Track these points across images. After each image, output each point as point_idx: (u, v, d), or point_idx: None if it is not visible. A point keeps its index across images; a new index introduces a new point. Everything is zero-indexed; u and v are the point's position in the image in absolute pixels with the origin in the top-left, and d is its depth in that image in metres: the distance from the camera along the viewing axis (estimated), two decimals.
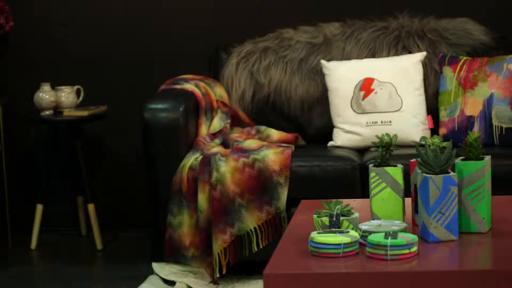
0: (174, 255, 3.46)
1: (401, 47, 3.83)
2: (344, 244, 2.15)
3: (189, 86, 3.71)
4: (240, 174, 3.36)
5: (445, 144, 2.35)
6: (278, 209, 3.35)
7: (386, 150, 2.36)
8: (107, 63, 4.29)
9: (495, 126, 3.58)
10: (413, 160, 2.40)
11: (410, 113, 3.64)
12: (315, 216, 2.31)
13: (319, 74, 3.83)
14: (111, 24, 4.28)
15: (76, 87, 4.11)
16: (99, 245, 4.03)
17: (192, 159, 3.43)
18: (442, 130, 3.68)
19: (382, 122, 3.63)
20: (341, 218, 2.28)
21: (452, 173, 2.25)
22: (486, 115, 3.59)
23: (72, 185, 4.29)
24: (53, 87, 4.08)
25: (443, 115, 3.69)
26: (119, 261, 3.85)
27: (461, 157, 2.36)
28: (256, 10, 4.19)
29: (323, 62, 3.77)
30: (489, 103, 3.60)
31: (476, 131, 3.60)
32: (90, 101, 4.18)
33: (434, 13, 3.96)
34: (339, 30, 3.92)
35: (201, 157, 3.42)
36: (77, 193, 4.24)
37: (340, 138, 3.69)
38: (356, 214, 2.32)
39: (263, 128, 3.76)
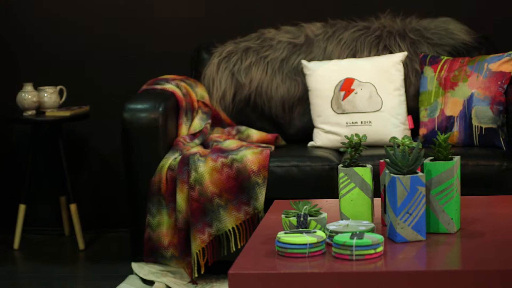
0: (153, 255, 3.46)
1: (382, 47, 3.83)
2: (310, 244, 2.15)
3: (170, 87, 3.71)
4: (218, 174, 3.36)
5: (414, 144, 2.35)
6: (256, 209, 3.35)
7: (355, 151, 2.36)
8: (90, 63, 4.30)
9: (475, 126, 3.58)
10: (383, 160, 2.40)
11: (390, 113, 3.64)
12: (283, 216, 2.31)
13: (300, 74, 3.84)
14: (94, 24, 4.28)
15: (58, 87, 4.11)
16: (81, 245, 4.03)
17: (171, 159, 3.43)
18: (422, 130, 3.68)
19: (362, 123, 3.64)
20: (309, 218, 2.28)
21: (419, 174, 2.25)
22: (466, 115, 3.59)
23: (55, 185, 4.29)
24: (35, 87, 4.08)
25: (424, 115, 3.69)
26: (100, 260, 3.86)
27: (430, 158, 2.36)
28: (239, 11, 4.19)
29: (304, 62, 3.77)
30: (469, 103, 3.60)
31: (456, 131, 3.60)
32: (73, 101, 4.18)
33: (417, 13, 3.96)
34: (321, 30, 3.92)
35: (180, 157, 3.42)
36: (59, 193, 4.24)
37: (320, 138, 3.69)
38: (324, 214, 2.32)
39: (243, 128, 3.76)
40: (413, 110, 3.76)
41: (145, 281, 3.45)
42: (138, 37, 4.26)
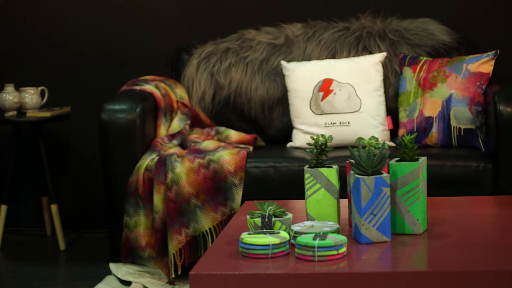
0: (131, 256, 3.46)
1: (361, 47, 3.83)
2: (273, 245, 2.15)
3: (149, 87, 3.71)
4: (195, 175, 3.36)
5: (381, 145, 2.35)
6: (233, 209, 3.35)
7: (321, 151, 2.36)
8: (72, 64, 4.29)
9: (454, 127, 3.57)
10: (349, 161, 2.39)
11: (369, 114, 3.64)
12: (248, 217, 2.31)
13: (280, 75, 3.84)
14: (76, 25, 4.28)
15: (40, 88, 4.11)
16: (62, 246, 4.03)
17: (148, 160, 3.43)
18: (401, 131, 3.68)
19: (340, 123, 3.63)
20: (274, 219, 2.28)
21: (384, 174, 2.25)
22: (444, 115, 3.59)
23: (37, 185, 4.29)
24: (17, 88, 4.08)
25: (403, 115, 3.69)
26: (80, 261, 3.86)
27: (396, 158, 2.36)
28: (221, 12, 4.18)
29: (283, 63, 3.77)
30: (447, 103, 3.60)
31: (435, 132, 3.60)
32: (55, 102, 4.18)
33: (398, 13, 3.96)
34: (301, 31, 3.92)
35: (157, 158, 3.42)
36: (41, 193, 4.24)
37: (299, 139, 3.69)
38: (289, 215, 2.31)
39: (222, 129, 3.76)
40: (392, 110, 3.76)
41: (123, 281, 3.45)
42: (119, 38, 4.26)
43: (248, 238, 2.17)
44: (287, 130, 3.78)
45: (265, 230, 2.24)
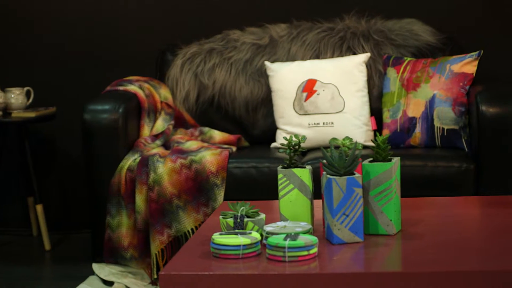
0: (113, 256, 3.46)
1: (345, 48, 3.83)
2: (244, 245, 2.15)
3: (132, 88, 3.71)
4: (177, 175, 3.36)
5: (357, 145, 2.35)
6: (215, 210, 3.35)
7: (294, 152, 2.36)
8: (57, 65, 4.29)
9: (437, 127, 3.57)
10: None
11: (353, 115, 3.64)
12: (221, 217, 2.31)
13: (264, 76, 3.84)
14: (61, 26, 4.28)
15: (26, 88, 4.11)
16: (47, 246, 4.03)
17: (130, 160, 3.43)
18: (385, 132, 3.68)
19: (324, 124, 3.63)
20: (246, 219, 2.28)
21: (356, 175, 2.25)
22: (428, 116, 3.59)
23: (23, 186, 4.29)
24: (2, 88, 4.08)
25: (386, 116, 3.69)
26: (65, 261, 3.86)
27: (369, 159, 2.36)
28: (206, 12, 4.18)
29: (267, 63, 3.77)
30: (431, 104, 3.59)
31: (418, 132, 3.60)
32: (41, 102, 4.18)
33: (383, 14, 3.96)
34: (286, 31, 3.93)
35: (139, 158, 3.42)
36: (27, 194, 4.24)
37: (282, 139, 3.69)
38: (262, 216, 2.31)
39: (206, 129, 3.77)
40: (377, 111, 3.76)
41: (105, 282, 3.45)
42: (105, 38, 4.26)
43: (219, 238, 2.17)
44: (271, 130, 3.79)
45: (236, 230, 2.24)
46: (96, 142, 3.45)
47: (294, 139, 2.35)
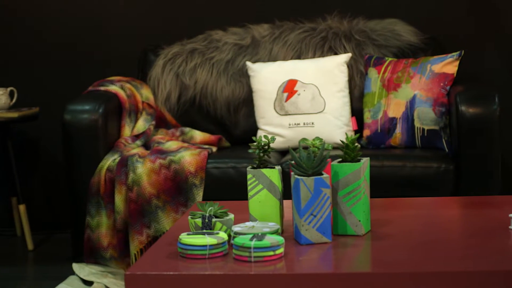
0: (93, 256, 3.47)
1: (327, 48, 3.84)
2: (210, 245, 2.15)
3: (113, 88, 3.71)
4: (156, 176, 3.36)
5: (326, 146, 2.35)
6: None
7: (264, 152, 2.36)
8: (41, 65, 4.30)
9: (417, 127, 3.58)
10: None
11: (333, 115, 3.64)
12: (189, 217, 2.32)
13: (245, 76, 3.84)
14: (44, 26, 4.28)
15: (9, 89, 4.11)
16: (30, 246, 4.04)
17: (110, 160, 3.44)
18: (366, 132, 3.68)
19: (304, 124, 3.64)
20: (214, 219, 2.28)
21: (324, 175, 2.25)
22: (408, 116, 3.60)
23: (6, 186, 4.30)
24: None
25: (367, 116, 3.70)
26: (47, 261, 3.86)
27: (338, 159, 2.36)
28: (189, 13, 4.19)
29: (248, 63, 3.78)
30: (411, 104, 3.60)
31: (399, 133, 3.60)
32: (25, 103, 4.19)
33: (365, 14, 3.96)
34: (268, 31, 3.93)
35: (119, 158, 3.43)
36: (11, 194, 4.25)
37: None
38: (231, 216, 2.32)
39: (187, 129, 3.77)
40: (358, 111, 3.76)
41: (85, 281, 3.46)
42: (88, 38, 4.26)
43: (186, 238, 2.17)
44: (253, 130, 3.79)
45: (204, 230, 2.24)
46: (76, 142, 3.46)
47: (263, 139, 2.35)
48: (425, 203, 2.78)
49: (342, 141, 2.33)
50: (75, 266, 3.50)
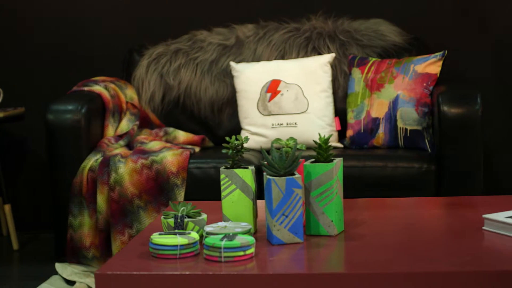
0: (76, 256, 3.47)
1: (310, 48, 3.84)
2: (181, 245, 2.16)
3: (97, 88, 3.72)
4: (138, 176, 3.37)
5: (299, 146, 2.36)
6: None
7: (237, 152, 2.36)
8: (26, 65, 4.30)
9: (400, 128, 3.58)
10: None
11: (316, 115, 3.65)
12: (162, 217, 2.32)
13: (229, 76, 3.84)
14: (30, 25, 4.28)
15: None
16: (15, 245, 4.04)
17: (92, 160, 3.44)
18: (349, 132, 3.68)
19: (287, 124, 3.64)
20: (187, 219, 2.29)
21: (296, 175, 2.25)
22: (391, 117, 3.60)
23: None
24: None
25: (350, 116, 3.70)
26: (32, 261, 3.87)
27: (311, 159, 2.36)
28: (175, 13, 4.19)
29: (232, 63, 3.78)
30: (394, 104, 3.60)
31: (382, 133, 3.61)
32: (11, 103, 4.19)
33: (350, 14, 3.96)
34: (252, 31, 3.93)
35: (101, 158, 3.43)
36: None
37: None
38: (203, 216, 2.32)
39: (171, 129, 3.78)
40: (342, 111, 3.76)
41: (68, 281, 3.46)
42: (74, 38, 4.27)
43: (157, 238, 2.18)
44: (237, 131, 3.79)
45: (176, 230, 2.25)
46: (58, 142, 3.46)
47: (236, 140, 2.36)
48: (402, 203, 2.78)
49: (315, 141, 2.34)
50: (58, 266, 3.50)
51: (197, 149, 3.62)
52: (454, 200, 2.76)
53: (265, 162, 2.28)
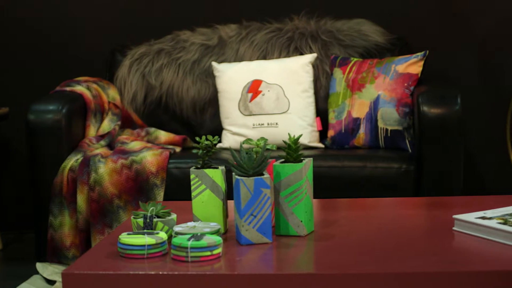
0: (56, 255, 3.48)
1: (293, 48, 3.84)
2: (149, 245, 2.16)
3: (79, 88, 3.73)
4: (118, 176, 3.38)
5: (269, 146, 2.36)
6: None
7: (207, 152, 2.37)
8: (9, 65, 4.31)
9: (381, 128, 3.58)
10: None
11: (298, 115, 3.65)
12: (132, 217, 2.33)
13: (211, 76, 3.85)
14: (14, 25, 4.29)
15: None
16: None
17: (73, 160, 3.45)
18: (330, 132, 3.69)
19: (268, 124, 3.65)
20: (156, 219, 2.29)
21: (265, 175, 2.26)
22: (372, 117, 3.60)
23: None
24: None
25: (332, 117, 3.71)
26: (14, 261, 3.87)
27: (281, 160, 2.37)
28: (157, 12, 4.20)
29: (214, 64, 3.79)
30: (375, 105, 3.61)
31: (362, 133, 3.61)
32: None
33: (333, 14, 3.97)
34: (235, 31, 3.94)
35: (81, 158, 3.44)
36: None
37: (227, 140, 3.71)
38: (173, 216, 2.33)
39: (152, 129, 3.78)
40: (324, 112, 3.77)
41: (48, 281, 3.47)
42: (57, 38, 4.27)
43: (125, 238, 2.18)
44: (219, 131, 3.80)
45: (145, 230, 2.25)
46: (39, 142, 3.47)
47: (206, 140, 2.37)
48: (377, 204, 2.78)
49: (284, 142, 2.34)
50: (39, 266, 3.51)
51: (178, 149, 3.63)
52: (429, 201, 2.76)
53: (234, 162, 2.29)
